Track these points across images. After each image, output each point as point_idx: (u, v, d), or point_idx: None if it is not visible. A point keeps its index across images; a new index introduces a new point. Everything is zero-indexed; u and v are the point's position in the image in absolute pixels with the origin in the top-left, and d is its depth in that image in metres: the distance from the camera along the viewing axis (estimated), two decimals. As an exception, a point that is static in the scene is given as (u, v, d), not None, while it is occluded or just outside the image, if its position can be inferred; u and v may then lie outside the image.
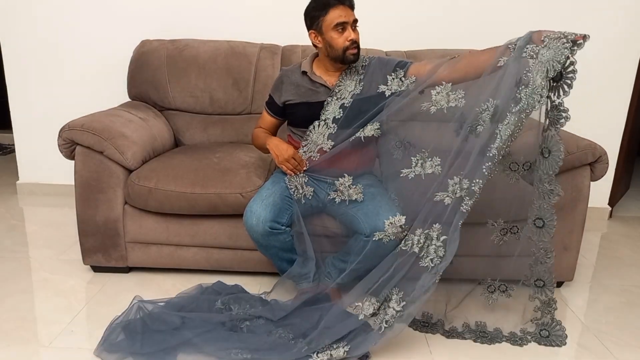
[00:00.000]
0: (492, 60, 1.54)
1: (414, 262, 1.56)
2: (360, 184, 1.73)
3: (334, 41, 1.67)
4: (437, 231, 1.56)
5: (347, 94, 1.73)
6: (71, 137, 1.88)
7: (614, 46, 2.61)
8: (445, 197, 1.56)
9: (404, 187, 1.69)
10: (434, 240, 1.56)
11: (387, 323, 1.52)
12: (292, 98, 1.79)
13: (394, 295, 1.56)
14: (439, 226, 1.56)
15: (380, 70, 1.75)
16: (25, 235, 2.41)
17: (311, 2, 1.70)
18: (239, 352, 1.50)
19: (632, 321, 1.83)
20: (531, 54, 1.46)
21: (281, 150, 1.74)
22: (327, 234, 1.80)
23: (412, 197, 1.67)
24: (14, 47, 2.70)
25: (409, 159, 1.68)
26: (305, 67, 1.79)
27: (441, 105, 1.61)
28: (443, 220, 1.55)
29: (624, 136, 2.75)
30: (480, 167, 1.49)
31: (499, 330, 1.70)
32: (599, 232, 2.70)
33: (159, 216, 1.93)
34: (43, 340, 1.60)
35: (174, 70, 2.37)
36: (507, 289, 1.76)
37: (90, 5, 2.62)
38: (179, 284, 1.94)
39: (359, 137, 1.70)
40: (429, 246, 1.56)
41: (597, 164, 1.85)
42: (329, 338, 1.53)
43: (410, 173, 1.66)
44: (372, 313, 1.56)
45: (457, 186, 1.55)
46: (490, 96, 1.53)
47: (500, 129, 1.48)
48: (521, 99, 1.45)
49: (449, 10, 2.59)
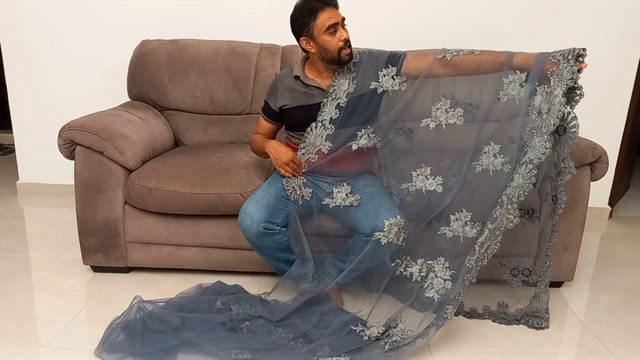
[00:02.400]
0: (494, 83, 1.60)
1: (419, 292, 1.61)
2: (359, 192, 1.73)
3: (327, 44, 1.67)
4: (442, 265, 1.62)
5: (342, 94, 1.73)
6: (71, 137, 1.88)
7: (614, 46, 2.61)
8: (446, 231, 1.64)
9: (407, 195, 1.74)
10: (438, 273, 1.61)
11: (391, 345, 1.51)
12: (288, 103, 1.79)
13: (399, 324, 1.57)
14: (442, 260, 1.63)
15: (371, 66, 1.74)
16: (25, 235, 2.41)
17: (296, 9, 1.68)
18: (239, 352, 1.49)
19: (632, 321, 1.83)
20: (537, 110, 1.52)
21: (280, 154, 1.74)
22: (325, 234, 1.80)
23: (414, 207, 1.72)
24: (14, 47, 2.70)
25: (410, 173, 1.72)
26: (297, 71, 1.78)
27: (440, 121, 1.66)
28: (449, 256, 1.61)
29: (624, 136, 2.75)
30: (490, 211, 1.54)
31: (520, 311, 1.76)
32: (599, 232, 2.70)
33: (159, 216, 1.93)
34: (43, 340, 1.60)
35: (174, 70, 2.37)
36: (530, 273, 1.81)
37: (90, 5, 2.62)
38: (179, 284, 1.94)
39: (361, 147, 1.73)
40: (433, 279, 1.61)
41: (597, 164, 1.85)
42: (330, 347, 1.51)
43: (410, 187, 1.72)
44: (376, 337, 1.55)
45: (459, 222, 1.62)
46: (491, 139, 1.61)
47: (511, 176, 1.54)
48: (527, 151, 1.52)
49: (448, 10, 2.59)
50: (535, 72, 1.53)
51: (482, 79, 1.64)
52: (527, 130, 1.53)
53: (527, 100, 1.53)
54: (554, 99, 1.48)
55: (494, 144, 1.61)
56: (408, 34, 2.61)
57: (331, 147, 1.74)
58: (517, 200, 1.52)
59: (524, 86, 1.54)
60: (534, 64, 1.54)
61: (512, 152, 1.58)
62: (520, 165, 1.53)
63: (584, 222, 1.92)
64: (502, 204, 1.52)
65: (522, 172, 1.52)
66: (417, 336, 1.53)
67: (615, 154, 2.76)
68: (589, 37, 2.58)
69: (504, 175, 1.58)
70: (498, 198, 1.54)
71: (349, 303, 1.79)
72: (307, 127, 1.75)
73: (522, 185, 1.51)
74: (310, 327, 1.59)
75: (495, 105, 1.60)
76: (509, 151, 1.59)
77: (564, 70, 1.47)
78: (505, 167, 1.59)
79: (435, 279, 1.59)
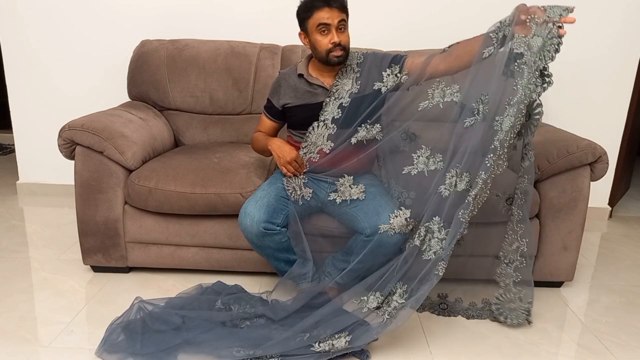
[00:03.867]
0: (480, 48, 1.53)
1: (416, 256, 1.56)
2: (362, 184, 1.73)
3: (317, 43, 1.67)
4: (438, 224, 1.56)
5: (345, 93, 1.73)
6: (71, 137, 1.88)
7: (614, 46, 2.61)
8: (442, 190, 1.56)
9: (408, 183, 1.70)
10: (435, 233, 1.55)
11: (390, 314, 1.52)
12: (291, 101, 1.79)
13: (397, 289, 1.56)
14: (438, 219, 1.56)
15: (375, 66, 1.74)
16: (25, 235, 2.41)
17: (300, 3, 1.69)
18: (240, 349, 1.50)
19: (632, 321, 1.83)
20: (519, 45, 1.43)
21: (284, 152, 1.74)
22: (326, 234, 1.80)
23: (416, 193, 1.68)
24: (14, 47, 2.70)
25: (411, 156, 1.68)
26: (301, 69, 1.78)
27: (436, 100, 1.62)
28: (444, 214, 1.55)
29: (624, 136, 2.75)
30: (483, 160, 1.48)
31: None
32: (599, 232, 2.70)
33: (159, 216, 1.93)
34: (43, 340, 1.60)
35: (174, 70, 2.37)
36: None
37: (90, 5, 2.62)
38: (179, 284, 1.94)
39: (361, 141, 1.70)
40: (430, 239, 1.55)
41: (597, 164, 1.85)
42: (330, 329, 1.52)
43: (412, 170, 1.66)
44: (376, 306, 1.56)
45: (455, 178, 1.55)
46: (482, 90, 1.52)
47: (500, 121, 1.48)
48: (517, 90, 1.45)
49: (448, 10, 2.59)
50: (510, 19, 1.46)
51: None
52: (515, 66, 1.44)
53: (508, 39, 1.46)
54: (547, 29, 1.39)
55: (483, 94, 1.52)
56: (408, 34, 2.61)
57: (333, 147, 1.73)
58: (509, 143, 1.48)
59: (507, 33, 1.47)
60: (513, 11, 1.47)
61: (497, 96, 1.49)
62: (511, 106, 1.46)
63: (584, 222, 1.92)
64: (495, 150, 1.47)
65: (513, 113, 1.44)
66: (411, 297, 1.52)
67: (615, 154, 2.76)
68: (589, 37, 2.58)
69: (489, 126, 1.51)
70: (488, 146, 1.48)
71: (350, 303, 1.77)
72: (309, 126, 1.75)
73: (513, 125, 1.46)
74: (310, 327, 1.59)
75: (479, 65, 1.53)
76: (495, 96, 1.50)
77: (546, 29, 1.39)
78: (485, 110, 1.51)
79: (432, 240, 1.55)
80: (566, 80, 2.62)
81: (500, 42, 1.49)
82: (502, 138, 1.47)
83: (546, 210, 1.89)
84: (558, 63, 1.48)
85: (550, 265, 1.95)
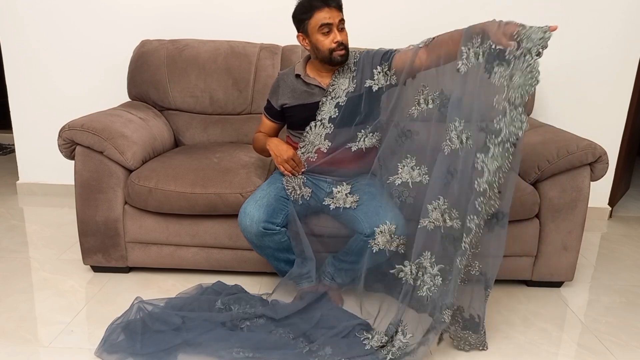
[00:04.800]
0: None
1: (412, 293, 1.55)
2: (357, 193, 1.73)
3: (319, 43, 1.67)
4: (429, 260, 1.54)
5: (342, 93, 1.73)
6: (71, 137, 1.88)
7: (614, 46, 2.61)
8: (427, 223, 1.53)
9: (409, 197, 1.69)
10: (427, 269, 1.54)
11: (393, 355, 1.49)
12: (288, 101, 1.79)
13: (399, 328, 1.54)
14: (429, 254, 1.54)
15: (368, 64, 1.74)
16: (25, 235, 2.41)
17: (297, 5, 1.69)
18: (240, 350, 1.50)
19: (632, 321, 1.83)
20: (501, 77, 1.35)
21: (281, 151, 1.75)
22: (325, 234, 1.80)
23: (416, 207, 1.65)
24: (14, 47, 2.70)
25: (395, 165, 1.68)
26: (298, 70, 1.79)
27: (421, 108, 1.61)
28: (435, 249, 1.54)
29: (624, 136, 2.75)
30: (473, 202, 1.44)
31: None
32: (599, 232, 2.70)
33: (159, 216, 1.93)
34: (43, 340, 1.60)
35: (174, 70, 2.37)
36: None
37: (90, 5, 2.62)
38: (179, 284, 1.94)
39: (360, 148, 1.72)
40: (423, 275, 1.54)
41: (597, 164, 1.85)
42: (332, 348, 1.51)
43: (397, 179, 1.67)
44: (380, 346, 1.53)
45: (440, 212, 1.52)
46: (457, 116, 1.47)
47: (486, 162, 1.41)
48: (501, 129, 1.36)
49: (448, 10, 2.59)
50: (486, 41, 1.41)
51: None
52: (494, 104, 1.35)
53: (486, 65, 1.39)
54: (526, 63, 1.30)
55: (459, 119, 1.46)
56: (408, 34, 2.59)
57: (330, 146, 1.74)
58: (498, 185, 1.41)
59: (480, 50, 1.40)
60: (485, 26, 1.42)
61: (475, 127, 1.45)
62: (497, 145, 1.37)
63: (584, 222, 1.92)
64: (484, 194, 1.41)
65: (499, 152, 1.36)
66: (419, 343, 1.51)
67: (615, 154, 2.76)
68: (589, 37, 2.58)
69: (471, 152, 1.45)
70: (472, 181, 1.42)
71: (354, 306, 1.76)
72: (307, 126, 1.75)
73: (501, 166, 1.39)
74: (310, 327, 1.59)
75: (457, 80, 1.48)
76: (472, 126, 1.46)
77: (532, 32, 1.31)
78: (469, 143, 1.45)
79: (425, 275, 1.53)
80: (566, 80, 2.62)
81: (482, 67, 1.41)
82: (490, 180, 1.40)
83: (546, 210, 1.89)
84: (558, 63, 1.48)
85: (550, 265, 1.95)
